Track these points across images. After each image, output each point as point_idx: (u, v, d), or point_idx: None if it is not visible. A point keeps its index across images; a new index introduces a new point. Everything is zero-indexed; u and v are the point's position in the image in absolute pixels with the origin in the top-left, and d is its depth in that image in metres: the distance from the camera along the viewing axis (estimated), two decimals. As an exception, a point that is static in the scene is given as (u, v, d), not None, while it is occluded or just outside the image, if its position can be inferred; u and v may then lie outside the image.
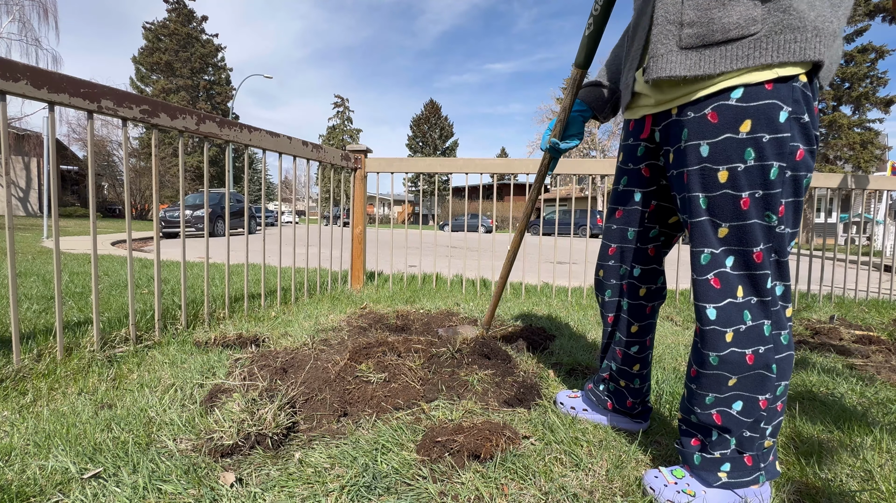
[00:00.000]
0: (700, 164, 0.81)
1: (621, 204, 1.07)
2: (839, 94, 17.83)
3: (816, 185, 3.19)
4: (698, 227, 0.84)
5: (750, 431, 0.87)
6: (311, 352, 1.71)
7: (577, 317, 2.53)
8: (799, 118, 0.75)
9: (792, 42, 0.71)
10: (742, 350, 0.83)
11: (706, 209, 0.82)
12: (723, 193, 0.79)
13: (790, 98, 0.74)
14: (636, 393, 1.17)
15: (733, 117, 0.76)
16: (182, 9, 30.12)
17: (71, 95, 1.52)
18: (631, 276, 1.09)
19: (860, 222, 3.69)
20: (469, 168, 3.19)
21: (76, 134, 22.61)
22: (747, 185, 0.77)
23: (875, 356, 1.98)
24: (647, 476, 0.94)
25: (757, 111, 0.74)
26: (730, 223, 0.80)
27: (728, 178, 0.78)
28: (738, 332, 0.83)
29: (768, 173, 0.76)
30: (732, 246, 0.81)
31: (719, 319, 0.84)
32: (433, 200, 40.29)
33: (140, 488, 0.88)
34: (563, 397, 1.32)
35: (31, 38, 17.04)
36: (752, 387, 0.85)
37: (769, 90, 0.74)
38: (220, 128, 2.11)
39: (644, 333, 1.14)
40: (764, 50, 0.72)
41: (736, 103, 0.75)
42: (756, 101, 0.74)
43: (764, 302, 0.82)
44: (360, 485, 0.92)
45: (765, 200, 0.77)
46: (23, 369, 1.42)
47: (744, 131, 0.75)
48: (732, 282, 0.83)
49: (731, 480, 0.87)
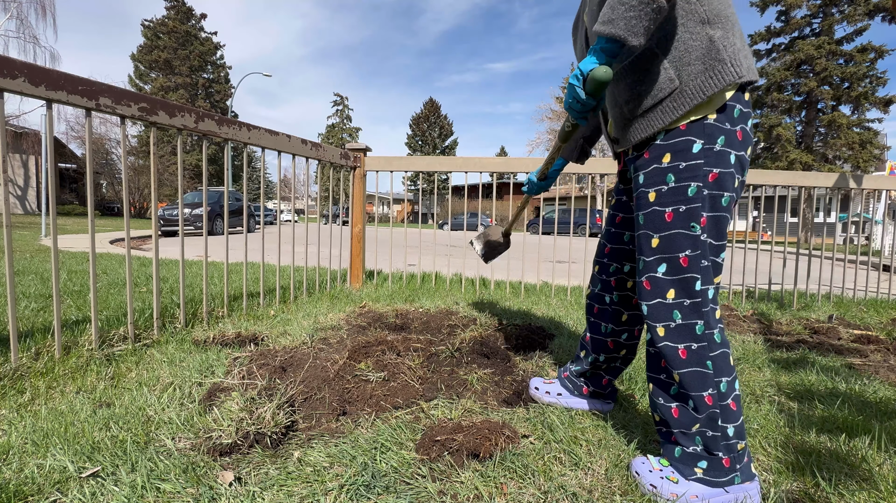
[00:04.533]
0: (639, 189, 0.99)
1: (622, 212, 1.21)
2: (838, 93, 17.84)
3: (813, 185, 3.19)
4: (639, 238, 1.00)
5: (710, 430, 0.93)
6: (310, 350, 1.71)
7: (576, 316, 2.53)
8: (712, 147, 0.90)
9: (714, 76, 0.88)
10: (675, 345, 0.95)
11: (642, 224, 0.98)
12: (652, 210, 0.96)
13: (702, 133, 0.90)
14: (615, 371, 1.30)
15: (659, 153, 0.95)
16: (181, 6, 30.03)
17: (69, 93, 1.51)
18: (620, 272, 1.23)
19: (859, 222, 3.70)
20: (468, 167, 3.19)
21: (74, 132, 22.53)
22: (670, 201, 0.93)
23: (874, 355, 1.99)
24: (635, 462, 1.00)
25: (674, 146, 0.93)
26: (659, 234, 0.95)
27: (655, 197, 0.95)
28: (668, 328, 0.95)
29: (686, 191, 0.92)
30: (664, 254, 0.95)
31: (650, 315, 0.98)
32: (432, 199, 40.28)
33: (138, 487, 0.88)
34: (539, 382, 1.40)
35: (29, 35, 16.97)
36: (695, 384, 0.94)
37: (683, 129, 0.92)
38: (219, 126, 2.11)
39: (633, 323, 1.24)
40: (689, 96, 0.89)
41: (660, 143, 0.95)
42: (673, 139, 0.93)
43: (696, 303, 0.94)
44: (359, 484, 0.92)
45: (687, 213, 0.92)
46: (21, 368, 1.41)
47: (665, 162, 0.94)
48: (663, 285, 0.96)
49: (706, 477, 0.93)
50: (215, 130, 2.08)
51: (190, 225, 10.87)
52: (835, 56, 17.99)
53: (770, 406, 1.39)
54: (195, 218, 10.79)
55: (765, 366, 1.79)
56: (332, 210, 3.67)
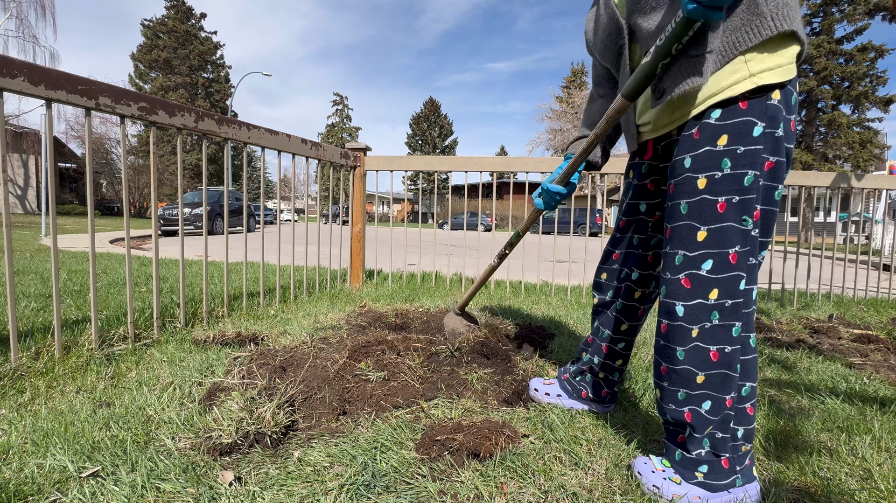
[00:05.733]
0: (683, 175, 0.89)
1: (627, 215, 1.17)
2: (838, 92, 17.83)
3: (812, 184, 3.19)
4: (678, 230, 0.90)
5: (721, 432, 0.91)
6: (310, 350, 1.71)
7: (576, 315, 2.53)
8: (773, 132, 0.82)
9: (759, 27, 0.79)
10: (706, 346, 0.89)
11: (686, 214, 0.89)
12: (701, 199, 0.86)
13: (765, 115, 0.82)
14: (612, 384, 1.29)
15: (712, 133, 0.84)
16: (181, 6, 30.01)
17: (68, 92, 1.51)
18: (629, 279, 1.18)
19: (859, 221, 3.70)
20: (468, 166, 3.19)
21: (74, 131, 22.52)
22: (724, 190, 0.84)
23: (874, 355, 1.99)
24: (637, 462, 0.99)
25: (733, 127, 0.83)
26: (708, 226, 0.86)
27: (706, 184, 0.85)
28: (703, 329, 0.88)
29: (743, 180, 0.83)
30: (712, 248, 0.86)
31: (686, 316, 0.90)
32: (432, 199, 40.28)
33: (138, 487, 0.88)
34: (538, 383, 1.39)
35: (29, 34, 16.96)
36: (719, 386, 0.89)
37: (744, 108, 0.82)
38: (219, 125, 2.11)
39: (632, 333, 1.23)
40: (737, 41, 0.80)
41: (715, 122, 0.84)
42: (732, 119, 0.83)
43: (737, 304, 0.87)
44: (359, 484, 0.92)
45: (741, 204, 0.84)
46: (21, 367, 1.41)
47: (721, 144, 0.84)
48: (706, 284, 0.87)
49: (707, 481, 0.91)
50: (215, 130, 2.08)
51: (190, 224, 10.86)
52: (835, 55, 17.98)
53: (770, 405, 1.39)
54: (195, 217, 10.79)
55: (765, 366, 1.79)
56: (331, 209, 3.67)
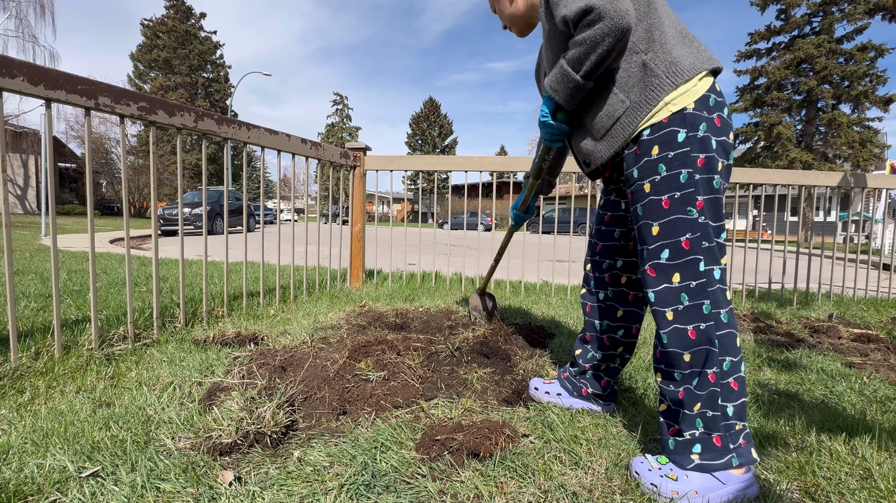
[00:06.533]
0: (634, 183, 1.03)
1: (610, 210, 1.26)
2: (838, 92, 17.83)
3: (813, 184, 3.19)
4: (640, 229, 1.04)
5: (711, 410, 0.95)
6: (310, 350, 1.71)
7: (576, 315, 2.53)
8: (695, 135, 0.96)
9: (654, 91, 0.97)
10: (684, 326, 0.98)
11: (642, 215, 1.02)
12: (649, 200, 1.00)
13: (684, 122, 0.97)
14: (613, 372, 1.31)
15: (647, 147, 1.00)
16: (180, 6, 29.99)
17: (68, 92, 1.51)
18: (614, 268, 1.26)
19: (859, 221, 3.70)
20: (468, 166, 3.19)
21: (74, 131, 22.53)
22: (665, 189, 0.98)
23: (874, 354, 1.99)
24: (634, 462, 1.01)
25: (660, 138, 0.98)
26: (659, 221, 0.99)
27: (651, 187, 1.00)
28: (676, 311, 0.98)
29: (679, 178, 0.97)
30: (665, 239, 0.98)
31: (658, 301, 1.00)
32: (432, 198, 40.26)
33: (138, 487, 0.88)
34: (538, 383, 1.40)
35: (28, 34, 16.97)
36: (703, 361, 0.97)
37: (665, 122, 0.98)
38: (219, 125, 2.10)
39: (630, 319, 1.26)
40: (640, 109, 0.99)
41: (647, 138, 1.00)
42: (658, 132, 0.99)
43: (701, 283, 0.97)
44: (359, 484, 0.92)
45: (683, 198, 0.96)
46: (21, 367, 1.41)
47: (655, 153, 0.99)
48: (667, 270, 0.99)
49: (703, 461, 0.94)
50: (215, 129, 2.08)
51: (190, 224, 10.86)
52: (835, 55, 17.98)
53: (770, 405, 1.39)
54: (195, 217, 10.79)
55: (764, 366, 1.79)
56: (331, 209, 3.67)
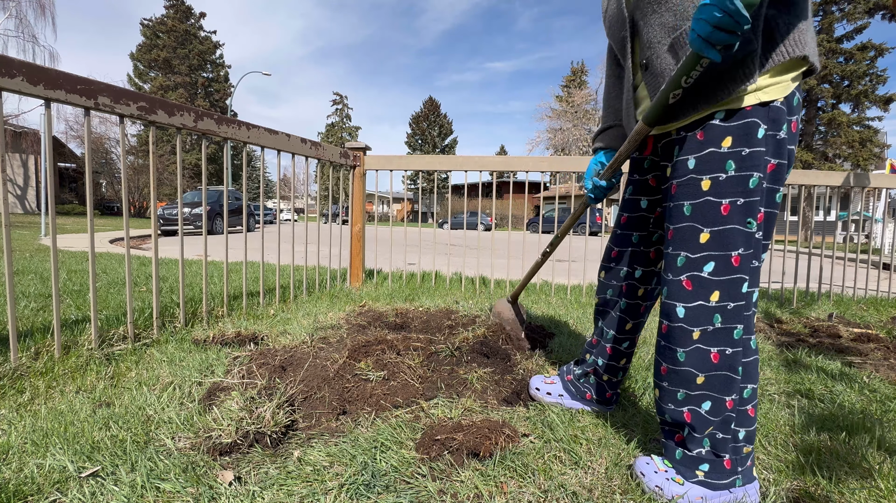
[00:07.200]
0: (687, 176, 0.88)
1: (628, 211, 1.15)
2: (838, 91, 17.81)
3: (813, 184, 3.19)
4: (680, 231, 0.90)
5: (721, 432, 0.91)
6: (309, 350, 1.71)
7: (576, 314, 2.53)
8: (775, 135, 0.83)
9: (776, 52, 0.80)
10: (708, 348, 0.89)
11: (689, 216, 0.88)
12: (705, 200, 0.86)
13: (767, 117, 0.82)
14: (615, 385, 1.28)
15: (717, 134, 0.84)
16: (180, 5, 29.97)
17: (68, 92, 1.51)
18: (632, 278, 1.16)
19: (859, 220, 3.70)
20: (468, 166, 3.19)
21: (74, 131, 22.53)
22: (729, 192, 0.84)
23: (873, 354, 1.99)
24: (639, 461, 0.98)
25: (738, 129, 0.83)
26: (711, 228, 0.86)
27: (710, 186, 0.85)
28: (705, 332, 0.88)
29: (748, 182, 0.83)
30: (714, 251, 0.86)
31: (687, 318, 0.90)
32: (432, 198, 40.26)
33: (138, 486, 0.88)
34: (539, 382, 1.37)
35: (28, 34, 16.96)
36: (719, 387, 0.89)
37: (748, 111, 0.82)
38: (218, 125, 2.10)
39: (635, 331, 1.22)
40: (747, 71, 0.80)
41: (720, 123, 0.84)
42: (737, 121, 0.83)
43: (739, 307, 0.87)
44: (359, 484, 0.92)
45: (746, 207, 0.83)
46: (20, 367, 1.41)
47: (725, 146, 0.83)
48: (708, 286, 0.87)
49: (708, 480, 0.91)
50: (214, 129, 2.08)
51: (189, 224, 10.86)
52: (835, 54, 17.97)
53: (770, 405, 1.39)
54: (195, 217, 10.78)
55: (765, 365, 1.79)
56: (331, 209, 3.67)
